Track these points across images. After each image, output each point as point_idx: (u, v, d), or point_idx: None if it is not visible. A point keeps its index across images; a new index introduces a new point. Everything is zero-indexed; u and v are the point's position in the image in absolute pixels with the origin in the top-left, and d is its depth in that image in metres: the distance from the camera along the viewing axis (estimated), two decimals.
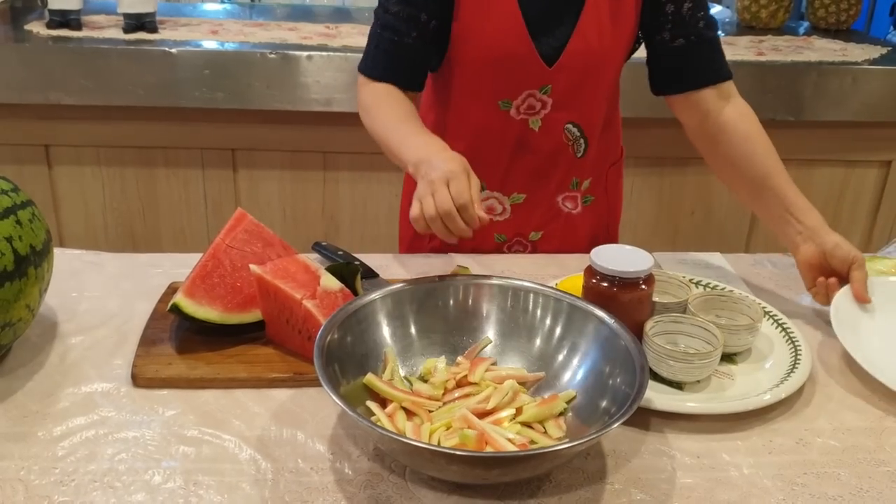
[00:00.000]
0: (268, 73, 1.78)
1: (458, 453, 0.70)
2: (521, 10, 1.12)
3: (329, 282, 0.93)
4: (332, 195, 1.97)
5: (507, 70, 1.15)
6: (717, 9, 2.65)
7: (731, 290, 1.07)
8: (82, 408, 0.84)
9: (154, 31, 1.90)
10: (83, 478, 0.74)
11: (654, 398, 0.85)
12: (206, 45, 1.83)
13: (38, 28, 1.91)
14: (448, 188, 0.93)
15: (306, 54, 1.77)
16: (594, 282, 0.92)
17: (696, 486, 0.77)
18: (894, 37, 2.40)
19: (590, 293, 0.92)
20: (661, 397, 0.85)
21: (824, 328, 1.05)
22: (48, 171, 1.91)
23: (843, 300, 1.01)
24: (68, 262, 1.14)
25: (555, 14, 1.14)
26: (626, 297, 0.90)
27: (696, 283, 1.10)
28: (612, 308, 0.87)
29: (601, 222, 1.34)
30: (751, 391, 0.89)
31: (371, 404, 0.81)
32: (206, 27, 2.01)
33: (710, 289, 1.09)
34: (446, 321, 0.91)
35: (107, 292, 1.07)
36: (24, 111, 1.82)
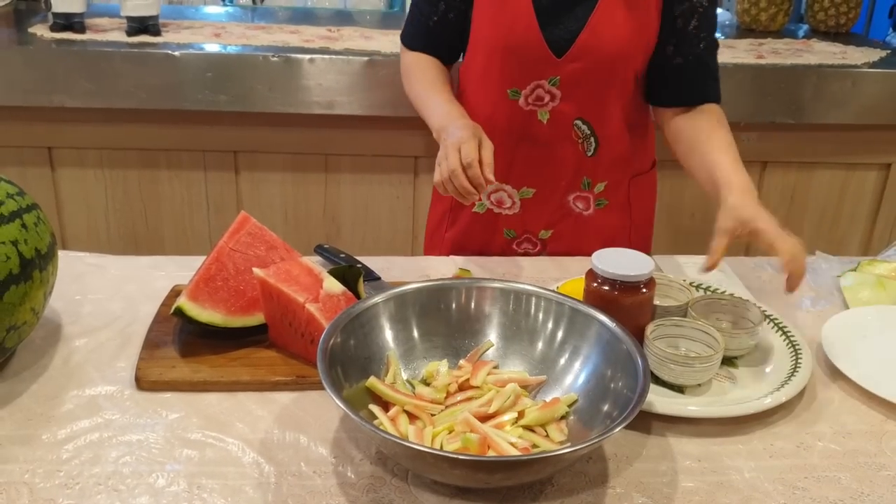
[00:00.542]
0: (270, 75, 1.78)
1: (460, 457, 0.70)
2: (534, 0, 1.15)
3: (332, 285, 0.94)
4: (333, 197, 1.97)
5: (516, 58, 1.18)
6: (717, 11, 2.65)
7: (731, 294, 1.07)
8: (86, 411, 0.85)
9: (157, 34, 1.91)
10: (87, 481, 0.75)
11: (656, 402, 0.85)
12: (209, 47, 1.83)
13: (41, 31, 1.91)
14: (459, 152, 1.03)
15: (308, 57, 1.78)
16: (595, 285, 0.92)
17: (697, 489, 0.77)
18: (894, 39, 2.40)
19: (591, 297, 0.92)
20: (662, 401, 0.86)
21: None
22: (51, 174, 1.91)
23: (831, 329, 1.02)
24: (72, 264, 1.14)
25: (567, 6, 1.15)
26: (627, 301, 0.90)
27: (697, 287, 1.11)
28: (614, 311, 0.87)
29: (619, 231, 1.32)
30: (752, 395, 0.89)
31: (374, 408, 0.81)
32: (209, 30, 2.02)
33: (711, 292, 1.09)
34: (448, 324, 0.92)
35: (110, 295, 1.08)
36: (28, 114, 1.82)
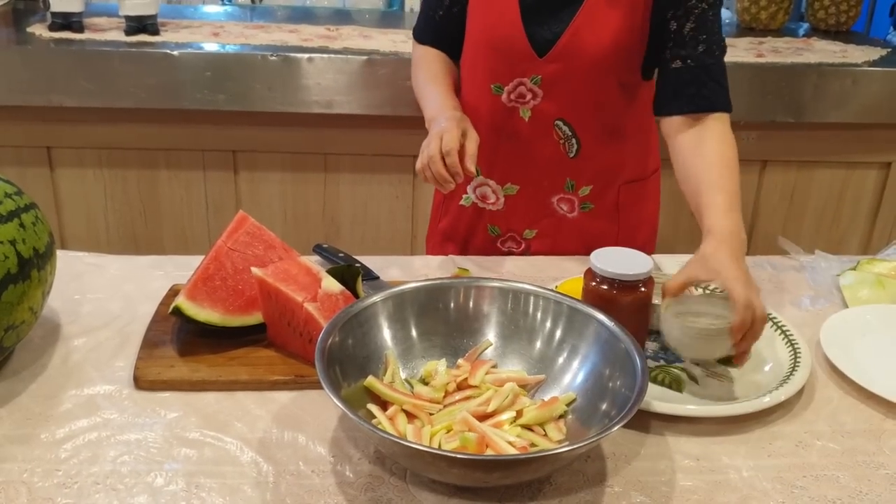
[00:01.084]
0: (269, 75, 1.78)
1: (458, 456, 0.71)
2: None
3: (330, 284, 0.93)
4: (332, 197, 1.97)
5: (500, 54, 1.19)
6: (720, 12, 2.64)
7: None
8: (85, 410, 0.85)
9: (156, 33, 1.91)
10: (86, 480, 0.75)
11: (654, 401, 0.85)
12: (208, 47, 1.83)
13: (40, 30, 1.91)
14: (441, 140, 1.07)
15: (307, 56, 1.78)
16: (594, 284, 0.92)
17: (695, 488, 0.77)
18: (894, 37, 2.40)
19: (590, 296, 0.92)
20: (660, 400, 0.86)
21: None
22: (50, 173, 1.91)
23: (830, 328, 1.01)
24: (70, 264, 1.14)
25: (552, 7, 1.16)
26: (625, 300, 0.90)
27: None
28: (612, 310, 0.87)
29: (606, 236, 1.29)
30: (750, 393, 0.89)
31: (372, 407, 0.81)
32: (208, 29, 2.01)
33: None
34: (447, 324, 0.92)
35: (109, 294, 1.08)
36: (27, 113, 1.82)
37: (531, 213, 1.30)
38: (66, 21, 1.90)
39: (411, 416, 0.81)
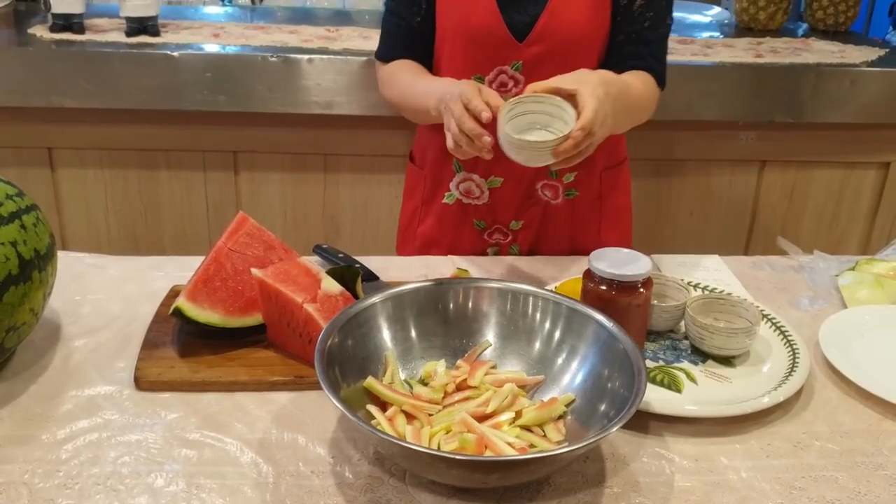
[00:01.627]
0: (269, 76, 1.78)
1: (457, 458, 0.71)
2: None
3: (330, 285, 0.94)
4: (332, 197, 1.97)
5: (479, 44, 1.18)
6: (716, 10, 2.64)
7: (729, 293, 1.07)
8: (85, 411, 0.85)
9: (156, 34, 1.91)
10: (86, 481, 0.75)
11: (653, 401, 0.85)
12: (208, 48, 1.84)
13: (41, 31, 1.91)
14: (460, 100, 1.00)
15: (307, 57, 1.78)
16: (593, 285, 0.92)
17: (694, 489, 0.77)
18: (893, 37, 2.40)
19: (589, 296, 0.93)
20: (659, 400, 0.86)
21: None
22: (51, 174, 1.92)
23: (829, 328, 1.02)
24: (71, 265, 1.14)
25: None
26: (624, 301, 0.90)
27: (695, 286, 1.11)
28: (611, 311, 0.87)
29: (590, 223, 1.33)
30: (749, 394, 0.89)
31: (371, 408, 0.81)
32: (208, 30, 2.02)
33: (709, 292, 1.10)
34: (446, 324, 0.92)
35: (109, 295, 1.08)
36: (27, 114, 1.83)
37: (516, 203, 1.30)
38: (67, 22, 1.90)
39: (410, 417, 0.81)
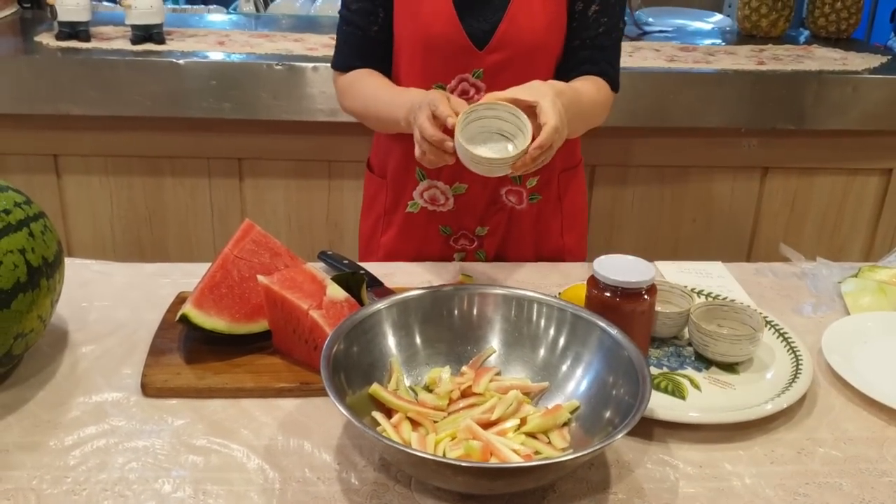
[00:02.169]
0: (274, 83, 1.79)
1: (462, 464, 0.71)
2: None
3: (335, 291, 0.94)
4: (336, 204, 1.98)
5: (439, 53, 1.18)
6: (718, 17, 2.65)
7: (732, 300, 1.07)
8: (93, 417, 0.85)
9: (161, 42, 1.92)
10: (94, 487, 0.76)
11: (657, 408, 0.85)
12: (213, 56, 1.85)
13: (47, 39, 1.93)
14: (427, 109, 1.01)
15: (311, 65, 1.79)
16: (597, 292, 0.93)
17: (698, 495, 0.78)
18: (895, 44, 2.41)
19: (593, 303, 0.93)
20: (663, 407, 0.86)
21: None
22: (57, 181, 1.93)
23: (832, 335, 1.02)
24: (78, 272, 1.15)
25: None
26: (628, 308, 0.91)
27: (698, 293, 1.11)
28: (615, 318, 0.88)
29: (553, 226, 1.34)
30: (752, 401, 0.89)
31: (377, 414, 0.82)
32: (213, 38, 2.03)
33: (712, 298, 1.10)
34: (451, 331, 0.92)
35: (116, 302, 1.08)
36: (34, 122, 1.84)
37: (481, 209, 1.30)
38: (73, 30, 1.92)
39: (416, 424, 0.82)
